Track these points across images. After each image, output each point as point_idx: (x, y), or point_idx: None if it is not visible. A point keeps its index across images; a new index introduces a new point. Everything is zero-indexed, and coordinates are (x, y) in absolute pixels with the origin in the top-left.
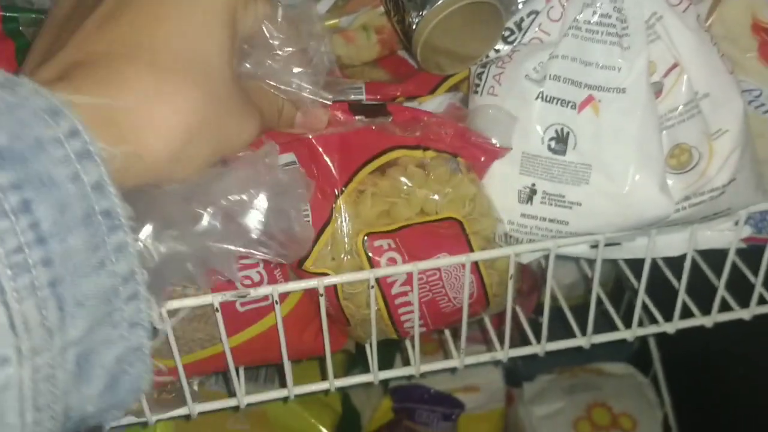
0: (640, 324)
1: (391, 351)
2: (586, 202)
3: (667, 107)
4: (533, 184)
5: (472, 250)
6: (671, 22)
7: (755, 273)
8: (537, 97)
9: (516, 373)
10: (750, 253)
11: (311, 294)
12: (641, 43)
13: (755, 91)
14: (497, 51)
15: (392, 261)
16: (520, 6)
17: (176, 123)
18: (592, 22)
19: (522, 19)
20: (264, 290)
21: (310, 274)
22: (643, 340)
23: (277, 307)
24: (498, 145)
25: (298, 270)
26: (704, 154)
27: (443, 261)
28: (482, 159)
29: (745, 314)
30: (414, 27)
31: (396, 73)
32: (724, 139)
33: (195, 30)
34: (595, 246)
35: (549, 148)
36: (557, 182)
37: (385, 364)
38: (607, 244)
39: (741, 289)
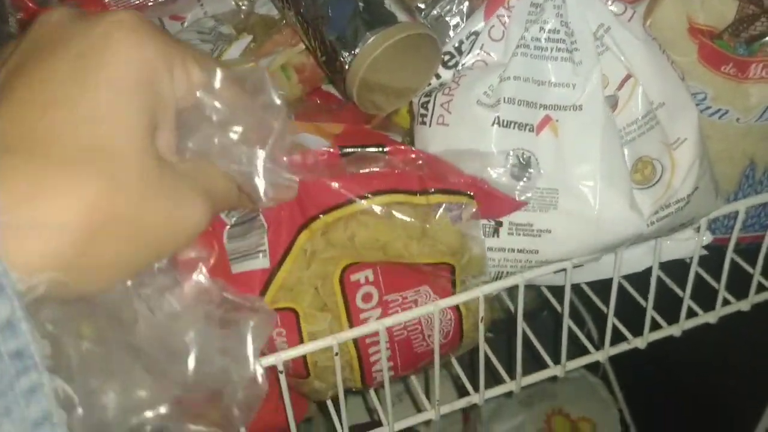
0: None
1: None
2: (555, 228)
3: (624, 120)
4: None
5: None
6: (619, 33)
7: (713, 276)
8: (493, 123)
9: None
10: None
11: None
12: (592, 57)
13: (699, 94)
14: (439, 77)
15: (367, 298)
16: (452, 31)
17: (67, 222)
18: (540, 39)
19: (461, 42)
20: None
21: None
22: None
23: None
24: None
25: None
26: (667, 166)
27: (411, 314)
28: (496, 211)
29: (711, 318)
30: (347, 67)
31: (327, 102)
32: (684, 148)
33: (93, 114)
34: (559, 271)
35: (512, 175)
36: (524, 210)
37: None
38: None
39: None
